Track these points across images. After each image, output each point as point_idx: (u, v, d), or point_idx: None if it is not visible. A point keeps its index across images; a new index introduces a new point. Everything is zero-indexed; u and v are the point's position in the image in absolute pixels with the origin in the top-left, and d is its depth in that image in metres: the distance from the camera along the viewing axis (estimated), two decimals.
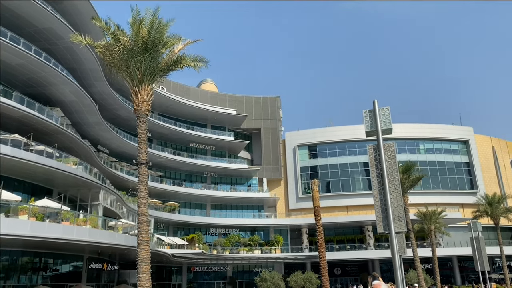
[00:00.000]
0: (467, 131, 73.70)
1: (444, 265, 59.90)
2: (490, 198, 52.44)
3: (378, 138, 10.06)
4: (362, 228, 63.98)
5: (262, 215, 66.28)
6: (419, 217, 47.11)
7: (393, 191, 9.69)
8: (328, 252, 50.65)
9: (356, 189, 66.78)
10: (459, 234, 59.33)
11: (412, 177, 39.31)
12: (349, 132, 68.11)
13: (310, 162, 70.72)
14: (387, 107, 10.07)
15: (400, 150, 67.80)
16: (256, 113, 70.17)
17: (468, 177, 71.11)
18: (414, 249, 38.93)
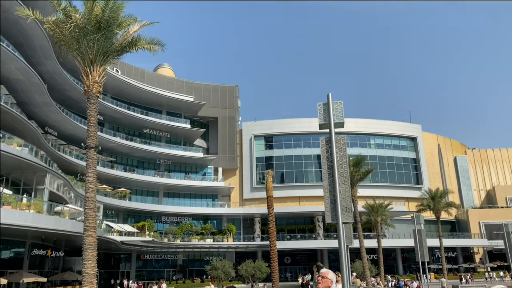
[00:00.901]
0: (416, 129, 77.12)
1: (389, 256, 62.74)
2: (433, 193, 55.20)
3: (331, 131, 10.25)
4: (313, 219, 65.58)
5: (216, 204, 66.24)
6: (367, 209, 48.87)
7: (342, 183, 9.92)
8: (279, 241, 51.52)
9: (309, 180, 68.20)
10: (403, 226, 62.26)
11: (362, 171, 40.61)
12: (305, 125, 69.22)
13: (266, 153, 71.33)
14: (340, 101, 10.25)
15: (352, 144, 69.83)
16: (213, 101, 69.60)
17: (414, 172, 74.59)
18: (361, 240, 40.38)
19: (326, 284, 5.29)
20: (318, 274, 5.42)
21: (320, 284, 5.31)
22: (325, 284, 5.28)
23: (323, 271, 5.38)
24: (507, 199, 77.94)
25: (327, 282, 5.29)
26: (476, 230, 71.22)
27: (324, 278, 5.30)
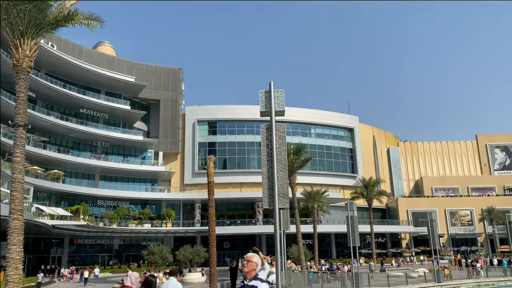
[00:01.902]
0: (353, 120, 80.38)
1: (323, 241, 65.38)
2: (366, 182, 58.20)
3: (271, 119, 10.41)
4: (253, 204, 66.56)
5: (155, 189, 64.99)
6: (304, 196, 50.42)
7: (280, 169, 10.15)
8: (219, 226, 51.89)
9: (251, 167, 68.90)
10: (338, 213, 65.04)
11: (302, 159, 41.75)
12: (249, 112, 69.54)
13: (208, 139, 70.91)
14: (282, 90, 10.43)
15: (293, 133, 71.38)
16: (156, 83, 67.69)
17: (350, 161, 77.94)
18: (298, 225, 41.72)
19: (251, 268, 5.37)
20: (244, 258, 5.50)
21: (245, 268, 5.39)
22: (250, 268, 5.37)
23: (248, 255, 5.46)
24: (432, 189, 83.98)
25: (252, 265, 5.38)
26: (404, 217, 76.15)
27: (249, 262, 5.38)
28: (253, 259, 5.42)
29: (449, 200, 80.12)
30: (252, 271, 5.37)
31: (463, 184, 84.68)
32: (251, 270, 5.37)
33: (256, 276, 5.34)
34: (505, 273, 39.72)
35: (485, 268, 39.85)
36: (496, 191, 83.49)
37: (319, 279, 28.18)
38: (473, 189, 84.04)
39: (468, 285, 35.07)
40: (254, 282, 5.22)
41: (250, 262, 5.40)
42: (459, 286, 34.42)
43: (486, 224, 74.69)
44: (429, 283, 32.78)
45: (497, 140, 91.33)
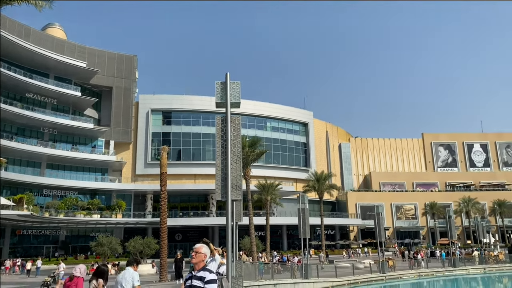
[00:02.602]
0: (308, 115, 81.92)
1: (275, 233, 66.37)
2: (318, 175, 59.61)
3: (227, 110, 10.39)
4: (207, 196, 66.31)
5: (105, 178, 63.06)
6: (258, 188, 50.88)
7: (234, 161, 10.18)
8: (171, 218, 51.29)
9: (206, 158, 68.48)
10: (290, 205, 66.22)
11: (257, 151, 42.06)
12: (206, 103, 68.85)
13: (163, 129, 69.62)
14: (238, 81, 10.43)
15: (249, 125, 71.65)
16: (109, 70, 65.37)
17: (304, 155, 79.49)
18: (251, 217, 42.10)
19: (200, 259, 5.39)
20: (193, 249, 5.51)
21: (194, 259, 5.40)
22: (199, 259, 5.38)
23: (197, 246, 5.47)
24: (380, 184, 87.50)
25: (200, 256, 5.40)
26: (353, 210, 78.85)
27: (198, 253, 5.40)
28: (201, 250, 5.42)
29: (395, 194, 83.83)
30: (200, 262, 5.38)
31: (409, 180, 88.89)
32: (200, 261, 5.38)
33: (205, 267, 5.35)
34: (443, 264, 42.29)
35: (426, 260, 42.16)
36: (439, 187, 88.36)
37: (269, 270, 28.60)
38: (418, 184, 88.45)
39: (409, 275, 36.98)
40: (203, 273, 5.23)
41: (199, 253, 5.41)
42: (402, 276, 36.22)
43: (428, 218, 78.92)
44: (374, 274, 34.24)
45: (441, 139, 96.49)
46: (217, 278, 5.37)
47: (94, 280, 7.58)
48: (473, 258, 45.53)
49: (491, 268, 43.04)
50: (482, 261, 44.24)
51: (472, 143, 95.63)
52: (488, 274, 41.53)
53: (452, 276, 38.97)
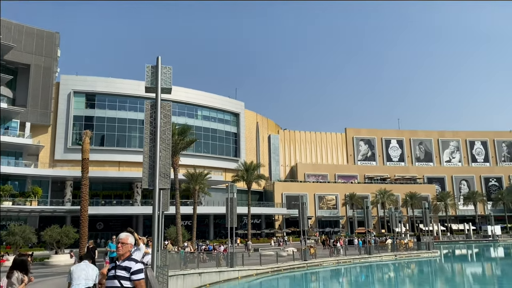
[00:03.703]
0: (240, 105, 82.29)
1: (202, 222, 66.18)
2: (247, 166, 60.32)
3: (157, 96, 10.03)
4: (132, 185, 64.11)
5: (20, 163, 58.23)
6: (187, 177, 50.26)
7: (163, 149, 9.88)
8: (92, 206, 48.95)
9: (132, 145, 66.04)
10: (218, 194, 66.31)
11: (186, 140, 41.45)
12: (134, 87, 66.15)
13: (86, 112, 65.80)
14: (170, 66, 10.10)
15: (180, 113, 70.28)
16: (27, 46, 60.09)
17: (234, 145, 79.89)
18: (178, 206, 41.53)
19: (126, 249, 5.21)
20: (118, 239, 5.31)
21: (120, 250, 5.20)
22: (125, 250, 5.20)
23: (122, 237, 5.27)
24: (305, 175, 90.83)
25: (127, 247, 5.22)
26: (279, 200, 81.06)
27: (125, 244, 5.21)
28: (127, 240, 5.23)
29: (319, 185, 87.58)
30: (127, 253, 5.19)
31: (331, 172, 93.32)
32: (126, 252, 5.19)
33: (130, 257, 5.18)
34: (360, 251, 45.13)
35: (344, 248, 44.68)
36: (358, 179, 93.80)
37: (195, 259, 28.51)
38: (340, 176, 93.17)
39: (329, 262, 38.96)
40: (128, 263, 5.05)
41: (125, 244, 5.22)
42: (322, 263, 38.06)
43: (347, 208, 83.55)
44: (296, 261, 35.60)
45: (362, 134, 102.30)
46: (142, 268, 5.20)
47: (16, 273, 6.84)
48: (386, 246, 49.14)
49: (401, 255, 46.79)
50: (394, 249, 47.94)
51: (389, 139, 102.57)
52: (399, 261, 45.11)
53: (367, 263, 41.76)
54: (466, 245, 71.89)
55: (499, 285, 30.78)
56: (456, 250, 64.48)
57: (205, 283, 26.31)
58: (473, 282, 33.35)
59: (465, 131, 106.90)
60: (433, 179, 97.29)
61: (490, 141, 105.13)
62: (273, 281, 30.79)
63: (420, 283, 32.66)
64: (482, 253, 60.18)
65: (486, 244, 72.35)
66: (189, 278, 25.10)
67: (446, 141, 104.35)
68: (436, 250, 51.03)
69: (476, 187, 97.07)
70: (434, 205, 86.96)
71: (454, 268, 43.58)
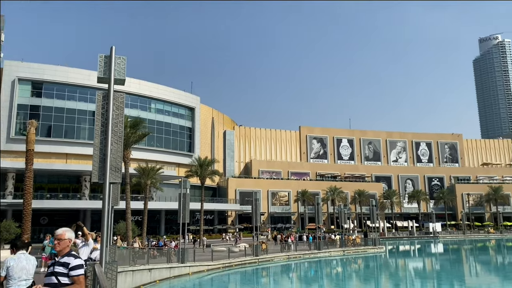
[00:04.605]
0: (195, 100, 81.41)
1: (153, 217, 65.00)
2: (201, 161, 59.83)
3: (110, 86, 9.71)
4: (80, 178, 61.74)
5: None
6: (138, 171, 49.08)
7: (115, 142, 9.59)
8: (36, 200, 46.64)
9: (81, 137, 63.57)
10: (171, 190, 65.37)
11: (139, 133, 40.45)
12: (84, 77, 63.58)
13: (31, 101, 62.50)
14: (124, 56, 9.81)
15: (132, 105, 68.44)
16: None
17: (188, 140, 78.98)
18: (128, 201, 40.49)
19: (64, 245, 5.02)
20: (80, 234, 5.13)
21: (58, 247, 5.01)
22: (63, 246, 5.01)
23: (59, 233, 5.06)
24: (259, 171, 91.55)
25: (65, 243, 5.03)
26: (232, 196, 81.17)
27: (62, 240, 5.01)
28: (64, 236, 5.03)
29: (272, 182, 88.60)
30: (65, 248, 4.99)
31: (285, 169, 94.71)
32: (65, 248, 5.00)
33: (70, 252, 4.99)
34: (310, 247, 46.20)
35: (295, 243, 45.56)
36: (310, 176, 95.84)
37: (145, 255, 27.96)
38: (292, 173, 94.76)
39: (280, 257, 39.58)
40: (67, 259, 4.88)
41: (63, 240, 5.02)
42: (273, 258, 38.60)
43: (299, 204, 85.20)
44: (248, 257, 35.86)
45: (316, 133, 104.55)
46: (90, 264, 5.05)
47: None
48: (335, 242, 50.65)
49: (349, 251, 48.43)
50: (342, 244, 49.50)
51: (341, 138, 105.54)
52: (347, 256, 46.65)
53: (317, 258, 42.84)
54: (409, 241, 75.57)
55: (437, 278, 32.66)
56: (400, 246, 67.63)
57: (155, 279, 25.89)
58: (414, 276, 35.15)
59: (412, 132, 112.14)
60: (381, 177, 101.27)
61: (434, 143, 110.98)
62: (224, 276, 30.84)
63: (366, 277, 33.97)
64: (423, 249, 63.50)
65: (427, 240, 76.43)
66: (138, 274, 24.59)
67: (393, 141, 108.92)
68: (382, 246, 53.25)
69: (420, 186, 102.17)
70: (381, 202, 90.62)
71: (398, 263, 45.70)
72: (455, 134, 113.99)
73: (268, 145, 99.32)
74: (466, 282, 30.82)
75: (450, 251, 59.70)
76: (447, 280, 31.68)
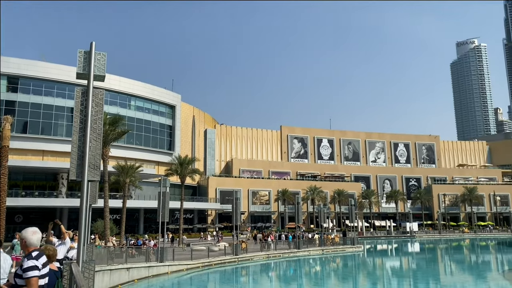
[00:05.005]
0: (176, 97, 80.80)
1: (132, 216, 64.18)
2: (182, 160, 59.41)
3: (89, 83, 9.57)
4: (57, 176, 60.51)
5: None
6: (117, 169, 48.42)
7: (94, 139, 9.45)
8: (11, 198, 45.47)
9: (58, 134, 62.34)
10: (150, 188, 64.70)
11: (118, 131, 39.91)
12: (64, 72, 62.32)
13: (7, 96, 60.91)
14: (104, 52, 9.67)
15: (112, 102, 67.48)
16: None
17: (169, 138, 78.34)
18: (106, 199, 39.90)
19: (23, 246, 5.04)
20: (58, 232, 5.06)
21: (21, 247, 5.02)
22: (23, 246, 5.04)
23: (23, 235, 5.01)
24: (240, 170, 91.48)
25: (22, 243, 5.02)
26: (213, 195, 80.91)
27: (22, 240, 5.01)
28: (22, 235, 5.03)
29: (253, 181, 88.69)
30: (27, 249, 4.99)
31: (266, 168, 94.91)
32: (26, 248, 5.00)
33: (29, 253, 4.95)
34: (289, 246, 46.45)
35: (275, 242, 45.74)
36: (291, 176, 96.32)
37: (123, 254, 27.62)
38: (273, 172, 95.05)
39: (260, 256, 39.68)
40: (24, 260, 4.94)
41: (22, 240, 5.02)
42: (253, 258, 38.66)
43: (279, 203, 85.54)
44: (228, 256, 35.83)
45: (297, 132, 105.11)
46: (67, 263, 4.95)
47: None
48: (314, 241, 51.08)
49: (328, 250, 48.91)
50: (322, 244, 49.95)
51: (321, 138, 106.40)
52: (326, 255, 47.10)
53: (296, 257, 43.12)
54: (387, 240, 76.80)
55: (413, 277, 33.30)
56: (378, 245, 68.64)
57: (133, 278, 25.61)
58: (391, 275, 35.76)
59: (390, 133, 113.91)
60: (360, 177, 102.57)
61: (412, 144, 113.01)
62: (203, 276, 30.73)
63: (344, 276, 34.37)
64: (400, 248, 64.65)
65: (404, 239, 77.82)
66: (116, 273, 24.28)
67: (372, 142, 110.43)
68: (360, 245, 53.97)
69: (398, 186, 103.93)
70: (360, 202, 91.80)
71: (376, 262, 46.39)
72: (432, 136, 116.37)
73: (249, 144, 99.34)
74: (441, 281, 31.53)
75: (426, 251, 60.95)
76: (423, 278, 32.34)
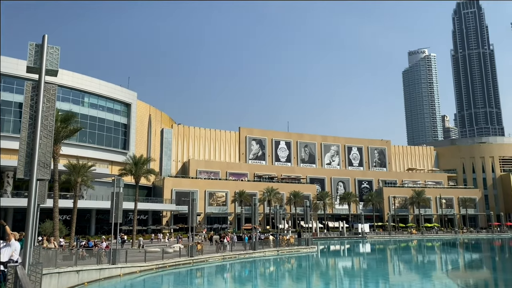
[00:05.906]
0: (132, 95, 78.89)
1: (83, 217, 61.94)
2: (136, 159, 58.04)
3: (41, 77, 9.18)
4: (2, 174, 57.29)
5: None
6: (68, 168, 46.58)
7: (44, 136, 9.08)
8: None
9: (5, 130, 59.03)
10: (103, 188, 62.71)
11: (70, 128, 38.46)
12: (11, 65, 59.13)
13: None
14: (58, 46, 9.32)
15: (64, 98, 64.88)
16: None
17: (123, 137, 76.30)
18: (56, 199, 38.28)
19: None
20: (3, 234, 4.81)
21: None
22: None
23: None
24: (197, 171, 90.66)
25: None
26: (168, 196, 79.60)
27: None
28: None
29: (210, 182, 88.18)
30: None
31: (223, 169, 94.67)
32: None
33: None
34: (245, 247, 46.59)
35: (231, 243, 45.68)
36: (248, 177, 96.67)
37: (72, 256, 26.59)
38: (231, 174, 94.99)
39: (215, 258, 39.51)
40: None
41: None
42: (208, 259, 38.44)
43: (236, 205, 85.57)
44: (182, 258, 35.42)
45: (255, 134, 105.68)
46: (12, 266, 4.74)
47: None
48: (269, 242, 51.52)
49: (283, 251, 49.51)
50: (277, 244, 50.48)
51: (279, 140, 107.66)
52: (281, 256, 47.66)
53: (252, 258, 43.32)
54: (339, 241, 78.85)
55: (364, 276, 34.43)
56: (331, 246, 70.35)
57: (83, 281, 24.72)
58: (343, 274, 36.78)
59: (344, 137, 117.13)
60: (315, 179, 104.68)
61: (365, 147, 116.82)
62: (157, 278, 30.18)
63: (298, 276, 34.95)
64: (352, 249, 66.57)
65: (356, 240, 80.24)
66: (65, 276, 23.35)
67: (328, 145, 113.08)
68: (314, 246, 55.06)
69: (351, 188, 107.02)
70: (315, 203, 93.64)
71: (328, 263, 47.51)
72: (384, 140, 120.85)
73: (207, 144, 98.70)
74: (390, 280, 32.80)
75: (377, 251, 63.17)
76: (373, 278, 33.52)
